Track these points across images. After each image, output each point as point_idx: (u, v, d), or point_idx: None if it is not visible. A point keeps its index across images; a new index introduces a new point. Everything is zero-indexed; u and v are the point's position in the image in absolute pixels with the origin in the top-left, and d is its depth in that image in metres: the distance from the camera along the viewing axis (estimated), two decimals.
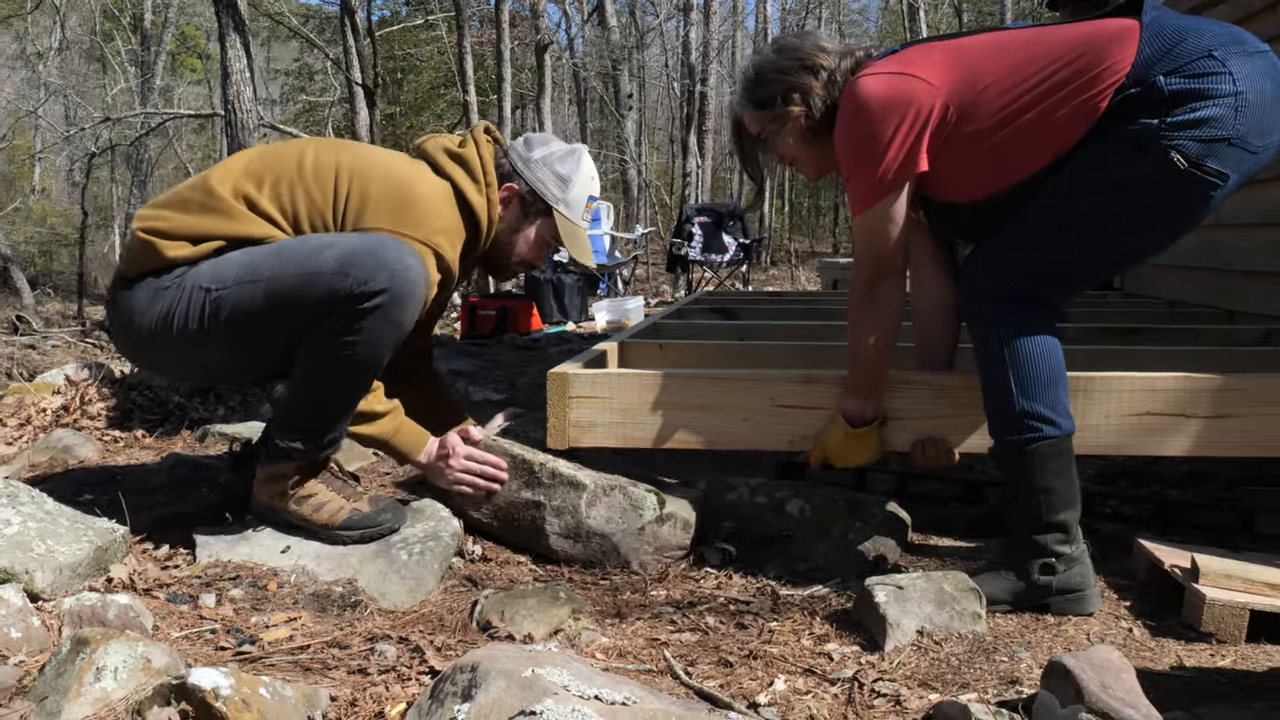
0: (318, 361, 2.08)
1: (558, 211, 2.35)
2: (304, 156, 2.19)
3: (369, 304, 2.00)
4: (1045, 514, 1.99)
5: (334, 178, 2.16)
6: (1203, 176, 1.86)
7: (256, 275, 2.05)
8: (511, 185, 2.33)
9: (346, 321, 2.02)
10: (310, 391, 2.13)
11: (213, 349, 2.12)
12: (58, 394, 3.88)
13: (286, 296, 2.02)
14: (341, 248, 2.03)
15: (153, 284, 2.11)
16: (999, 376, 2.02)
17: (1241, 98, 1.83)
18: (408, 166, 2.26)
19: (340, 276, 1.99)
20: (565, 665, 1.43)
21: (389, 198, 2.15)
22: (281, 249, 2.09)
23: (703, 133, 18.91)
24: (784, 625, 1.94)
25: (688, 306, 4.16)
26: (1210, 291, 3.85)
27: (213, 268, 2.09)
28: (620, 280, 12.09)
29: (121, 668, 1.49)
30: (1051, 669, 1.53)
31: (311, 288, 2.01)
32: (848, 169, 2.08)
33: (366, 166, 2.19)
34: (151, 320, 2.11)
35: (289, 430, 2.16)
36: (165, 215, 2.14)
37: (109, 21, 25.83)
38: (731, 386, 2.30)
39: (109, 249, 24.11)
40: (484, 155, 2.30)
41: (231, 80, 9.44)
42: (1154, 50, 1.88)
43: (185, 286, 2.09)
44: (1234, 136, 1.84)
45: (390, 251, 2.03)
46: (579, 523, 2.27)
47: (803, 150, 2.20)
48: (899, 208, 2.04)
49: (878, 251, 2.08)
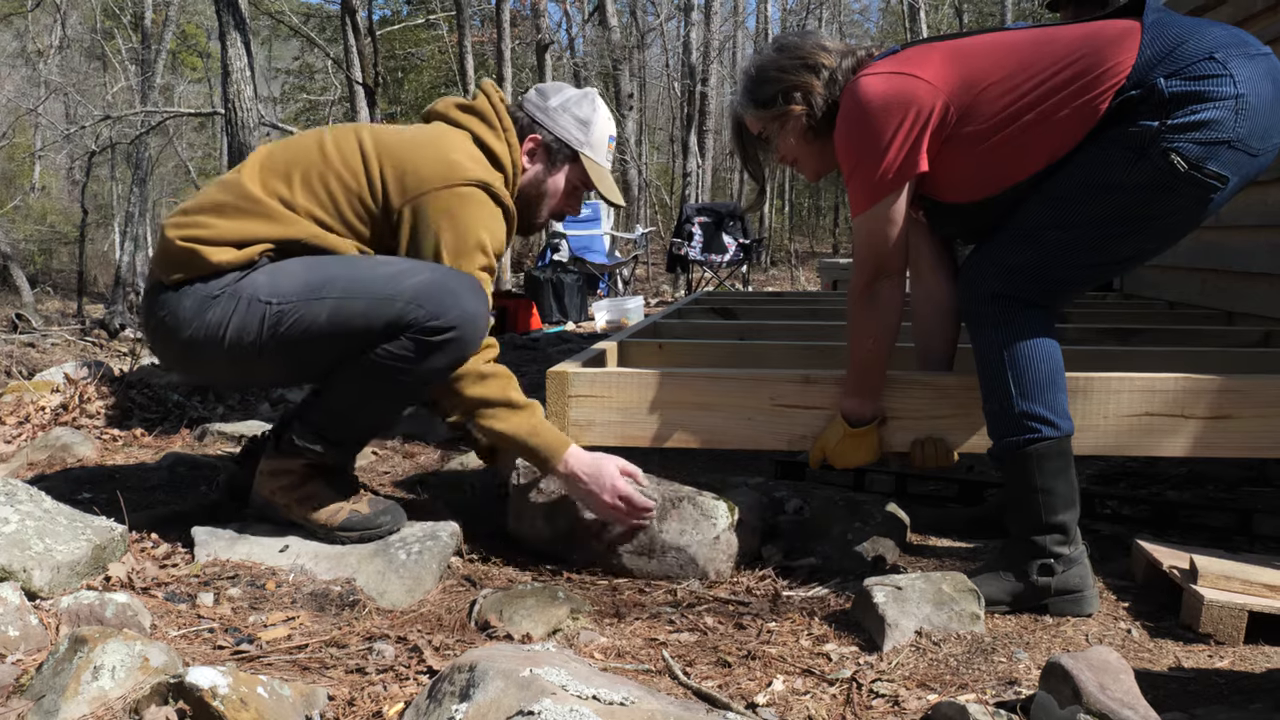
0: (364, 378, 2.08)
1: (584, 155, 2.34)
2: (324, 144, 2.17)
3: (436, 338, 2.03)
4: (1044, 515, 1.99)
5: (361, 158, 2.14)
6: (1202, 179, 1.86)
7: (323, 292, 2.03)
8: (534, 136, 2.32)
9: (409, 349, 2.03)
10: (348, 403, 2.13)
11: (265, 361, 2.09)
12: (57, 392, 3.88)
13: (355, 318, 2.02)
14: (418, 279, 2.03)
15: (199, 291, 2.06)
16: (998, 377, 2.01)
17: (1242, 100, 1.82)
18: (427, 130, 2.25)
19: (414, 306, 2.00)
20: (563, 665, 1.43)
21: (427, 160, 2.14)
22: (352, 268, 2.07)
23: (703, 133, 18.91)
24: (783, 625, 1.94)
25: (687, 306, 4.16)
26: (1210, 292, 3.85)
27: (270, 280, 2.06)
28: (620, 280, 12.10)
29: (119, 666, 1.49)
30: (1050, 670, 1.53)
31: (382, 313, 2.01)
32: (848, 169, 2.07)
33: (389, 140, 2.18)
34: (201, 329, 2.06)
35: (312, 432, 2.16)
36: (204, 221, 2.10)
37: (110, 19, 25.81)
38: (731, 386, 2.29)
39: (109, 247, 24.12)
40: (496, 104, 2.29)
41: (232, 78, 9.46)
42: (1155, 52, 1.87)
43: (240, 297, 2.05)
44: (1234, 139, 1.84)
45: (465, 292, 2.06)
46: (652, 538, 2.22)
47: (804, 149, 2.20)
48: (899, 208, 2.04)
49: (877, 252, 2.08)
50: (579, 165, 2.35)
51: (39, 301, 17.51)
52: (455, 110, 2.29)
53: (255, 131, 9.62)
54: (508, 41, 15.34)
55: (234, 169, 2.22)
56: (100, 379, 4.03)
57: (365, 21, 15.68)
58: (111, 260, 22.22)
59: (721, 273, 10.48)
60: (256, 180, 2.13)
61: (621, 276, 12.25)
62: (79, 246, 18.74)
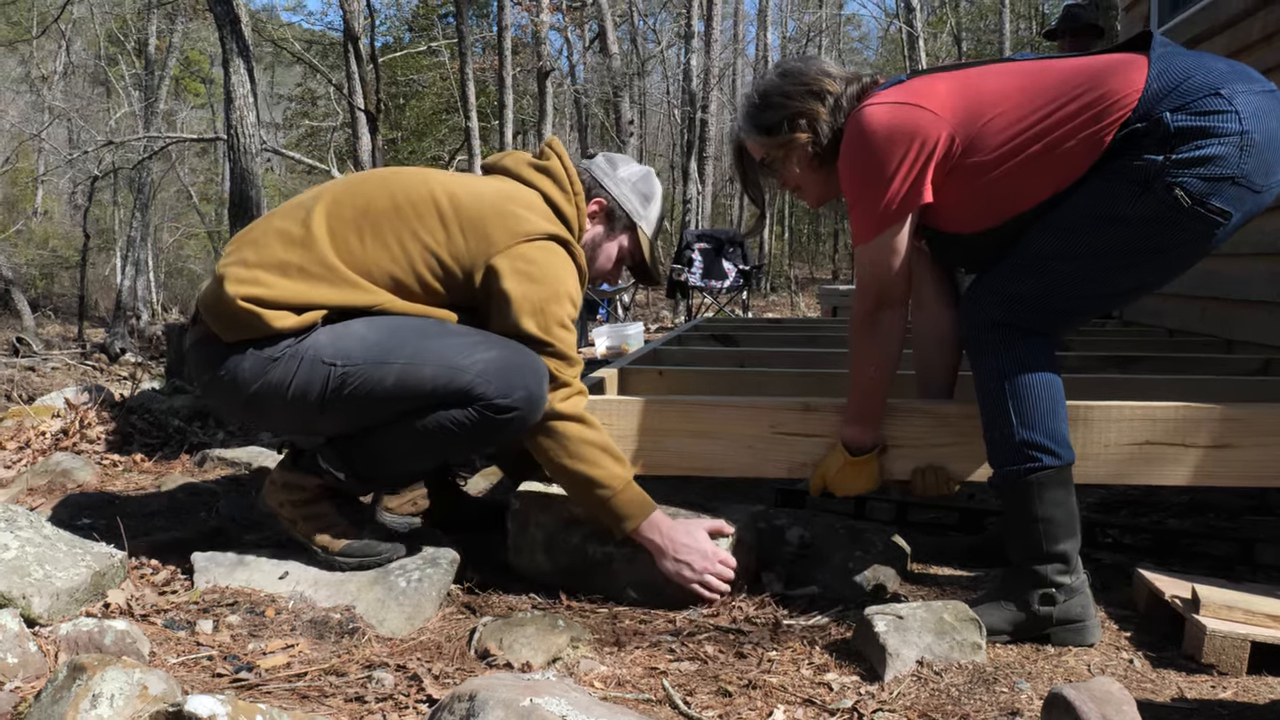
0: (418, 434, 2.08)
1: (640, 228, 2.37)
2: (395, 196, 2.15)
3: (498, 415, 2.05)
4: (1045, 544, 1.98)
5: (438, 215, 2.13)
6: (1206, 214, 1.86)
7: (390, 358, 2.04)
8: (599, 199, 2.33)
9: (472, 419, 2.05)
10: (393, 450, 2.13)
11: (328, 417, 2.10)
12: (57, 417, 3.88)
13: (421, 385, 2.03)
14: (488, 354, 2.05)
15: (258, 354, 2.06)
16: (998, 405, 2.01)
17: (1247, 137, 1.83)
18: (502, 187, 2.24)
19: (483, 382, 2.02)
20: (563, 694, 1.42)
21: (506, 216, 2.14)
22: (418, 334, 2.07)
23: (703, 159, 18.98)
24: (783, 654, 1.93)
25: (688, 333, 4.17)
26: (1209, 320, 3.86)
27: (334, 341, 2.06)
28: (621, 306, 12.12)
29: (118, 694, 1.48)
30: (1052, 700, 1.52)
31: (451, 382, 2.03)
32: (852, 198, 2.07)
33: (463, 197, 2.16)
34: (263, 387, 2.06)
35: (341, 459, 2.16)
36: (266, 280, 2.07)
37: (114, 46, 26.00)
38: (732, 414, 2.29)
39: (110, 271, 24.18)
40: (567, 166, 2.30)
41: (235, 105, 9.52)
42: (1162, 86, 1.88)
43: (301, 358, 2.05)
44: (1238, 175, 1.84)
45: (531, 374, 2.07)
46: (654, 568, 2.19)
47: (808, 177, 2.19)
48: (902, 238, 2.04)
49: (880, 281, 2.08)
50: (634, 236, 2.38)
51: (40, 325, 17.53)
52: (527, 170, 2.28)
53: (257, 157, 9.67)
54: (509, 69, 15.45)
55: (294, 210, 2.17)
56: (100, 404, 4.03)
57: (367, 48, 15.80)
58: (113, 285, 22.27)
59: (721, 299, 10.49)
60: (325, 234, 2.10)
61: (622, 302, 12.28)
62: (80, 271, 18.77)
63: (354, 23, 14.82)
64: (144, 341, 14.99)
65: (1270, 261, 3.37)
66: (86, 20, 25.20)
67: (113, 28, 25.70)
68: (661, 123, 30.59)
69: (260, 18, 24.41)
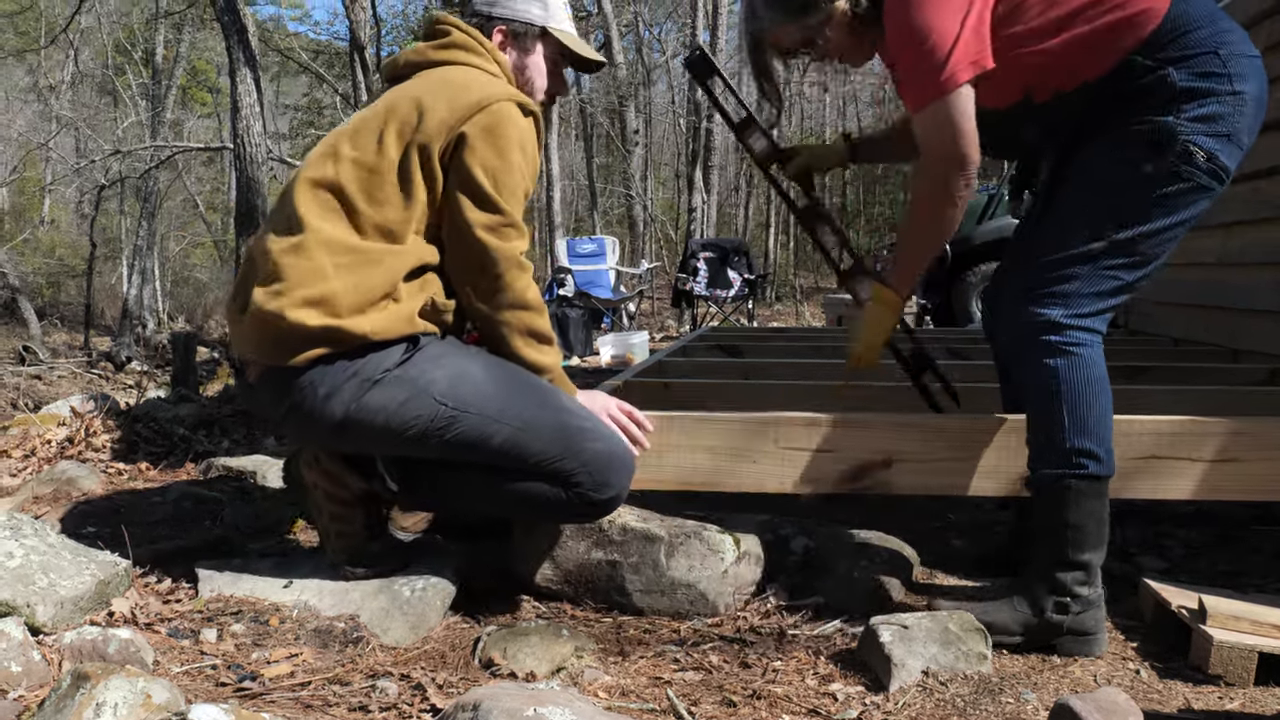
0: (494, 486, 2.09)
1: (550, 28, 2.27)
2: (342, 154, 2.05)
3: (586, 506, 2.07)
4: (1070, 551, 1.96)
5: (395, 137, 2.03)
6: (1216, 170, 1.91)
7: (504, 417, 2.01)
8: (499, 28, 2.24)
9: (559, 497, 2.05)
10: (460, 489, 2.13)
11: (421, 448, 2.05)
12: (63, 425, 3.89)
13: (527, 455, 2.03)
14: (598, 446, 2.06)
15: (353, 372, 1.97)
16: (1053, 410, 1.97)
17: (1239, 97, 1.89)
18: (422, 80, 2.13)
19: (586, 474, 2.04)
20: (567, 704, 1.42)
21: (449, 97, 2.04)
22: (540, 404, 2.05)
23: (708, 168, 18.97)
24: (788, 664, 1.92)
25: (693, 343, 4.16)
26: (1215, 329, 3.85)
27: (450, 380, 2.01)
28: (625, 315, 12.12)
29: (121, 703, 1.48)
30: (1058, 711, 1.52)
31: (555, 463, 2.03)
32: (907, 60, 1.92)
33: (400, 105, 2.05)
34: (358, 411, 1.98)
35: (401, 479, 2.15)
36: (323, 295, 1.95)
37: (121, 55, 26.13)
38: (737, 428, 2.29)
39: (116, 280, 24.24)
40: (465, 29, 2.21)
41: (241, 114, 9.55)
42: (1179, 13, 1.89)
43: (409, 386, 1.99)
44: (1233, 133, 1.90)
45: (626, 473, 2.11)
46: (660, 575, 2.20)
47: (850, 43, 2.06)
48: (969, 96, 1.90)
49: (949, 145, 1.92)
50: (550, 39, 2.28)
51: (46, 334, 17.58)
52: (434, 53, 2.19)
53: (264, 166, 9.70)
54: None
55: (283, 209, 2.06)
56: (106, 412, 4.03)
57: (373, 58, 15.84)
58: (119, 293, 22.33)
59: (726, 308, 10.49)
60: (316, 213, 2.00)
61: (627, 311, 12.27)
62: (87, 279, 18.83)
63: (360, 32, 14.86)
64: (150, 350, 15.03)
65: (1275, 271, 3.36)
66: (94, 30, 25.35)
67: (120, 37, 25.83)
68: (667, 132, 30.62)
69: (267, 27, 24.55)
